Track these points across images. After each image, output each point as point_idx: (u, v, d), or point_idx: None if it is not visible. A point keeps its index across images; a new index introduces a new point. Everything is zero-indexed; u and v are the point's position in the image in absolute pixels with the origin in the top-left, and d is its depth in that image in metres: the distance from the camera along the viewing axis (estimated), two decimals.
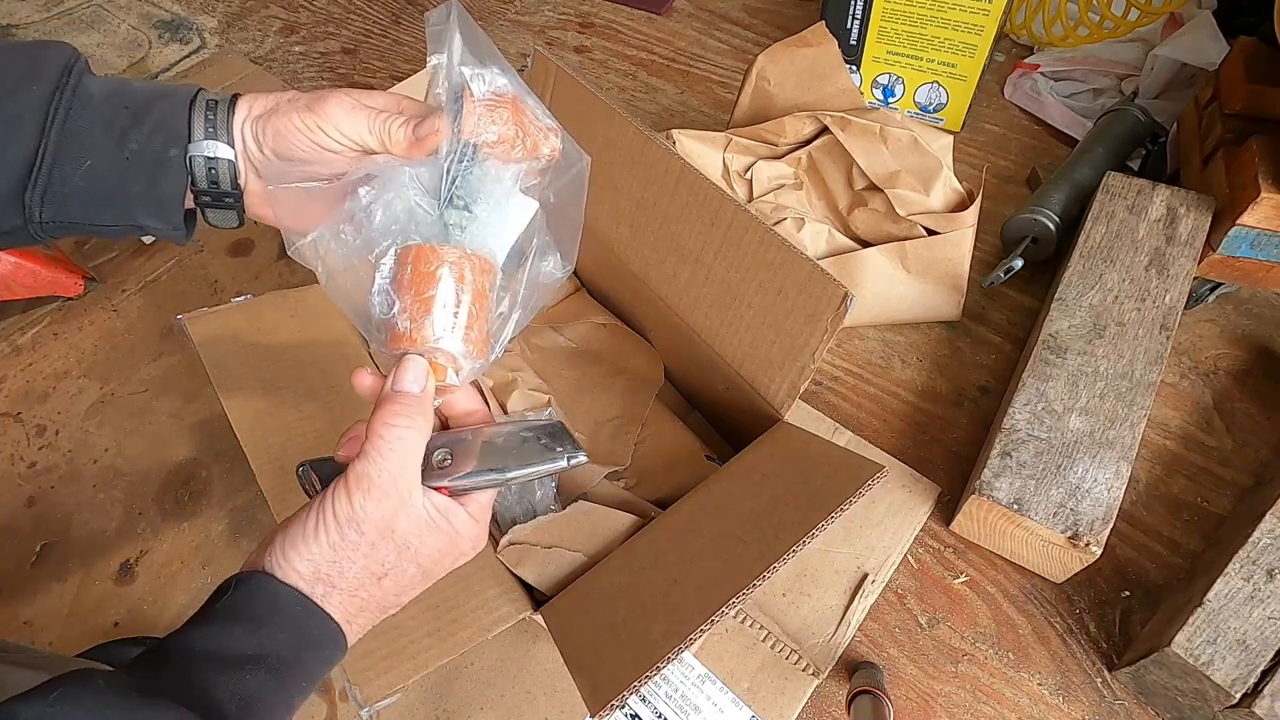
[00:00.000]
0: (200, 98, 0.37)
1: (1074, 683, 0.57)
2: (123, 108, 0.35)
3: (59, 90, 0.34)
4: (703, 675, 0.57)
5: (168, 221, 0.37)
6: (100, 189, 0.35)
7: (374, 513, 0.32)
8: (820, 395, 0.74)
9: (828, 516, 0.43)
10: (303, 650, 0.32)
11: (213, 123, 0.36)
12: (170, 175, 0.36)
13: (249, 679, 0.30)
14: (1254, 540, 0.53)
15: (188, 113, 0.36)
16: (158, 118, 0.36)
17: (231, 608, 0.32)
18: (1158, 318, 0.65)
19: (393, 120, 0.36)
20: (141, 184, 0.36)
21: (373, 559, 0.33)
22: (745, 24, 1.16)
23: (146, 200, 0.36)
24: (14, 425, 0.78)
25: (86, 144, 0.34)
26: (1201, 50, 0.85)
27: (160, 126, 0.36)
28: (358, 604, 0.34)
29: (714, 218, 0.54)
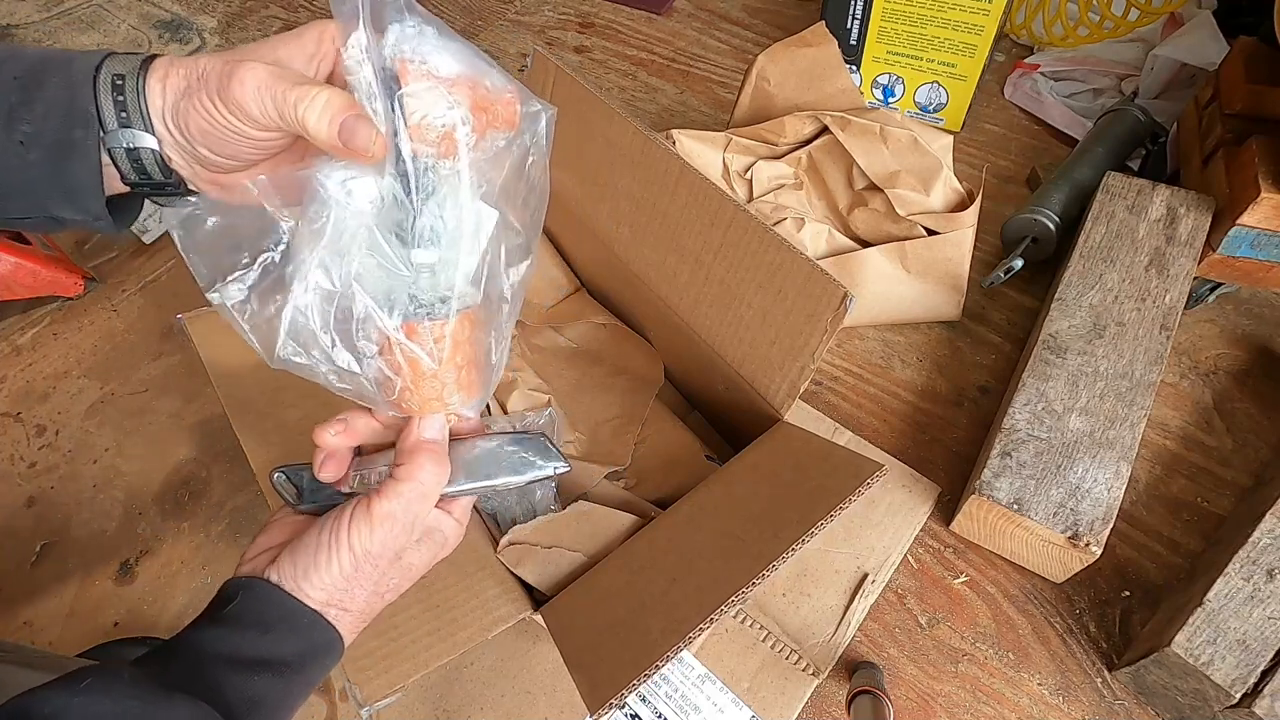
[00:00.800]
0: (105, 72, 0.31)
1: (1074, 683, 0.57)
2: (11, 79, 0.30)
3: None
4: (703, 675, 0.57)
5: (86, 212, 0.32)
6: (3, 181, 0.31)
7: (391, 545, 0.35)
8: (820, 395, 0.74)
9: (827, 515, 0.43)
10: (307, 657, 0.33)
11: (123, 106, 0.31)
12: (79, 160, 0.31)
13: (257, 680, 0.31)
14: (1254, 540, 0.53)
15: (92, 90, 0.30)
16: (53, 94, 0.30)
17: (240, 613, 0.33)
18: (1158, 318, 0.65)
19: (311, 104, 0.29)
20: (44, 171, 0.31)
21: (381, 584, 0.36)
22: (745, 24, 1.16)
23: (54, 189, 0.31)
24: (14, 425, 0.78)
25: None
26: (1201, 50, 0.85)
27: (57, 105, 0.30)
28: (361, 621, 0.36)
29: (714, 218, 0.54)
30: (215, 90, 0.30)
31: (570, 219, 0.71)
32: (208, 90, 0.30)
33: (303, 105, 0.29)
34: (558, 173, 0.69)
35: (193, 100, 0.30)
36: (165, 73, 0.31)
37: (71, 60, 0.31)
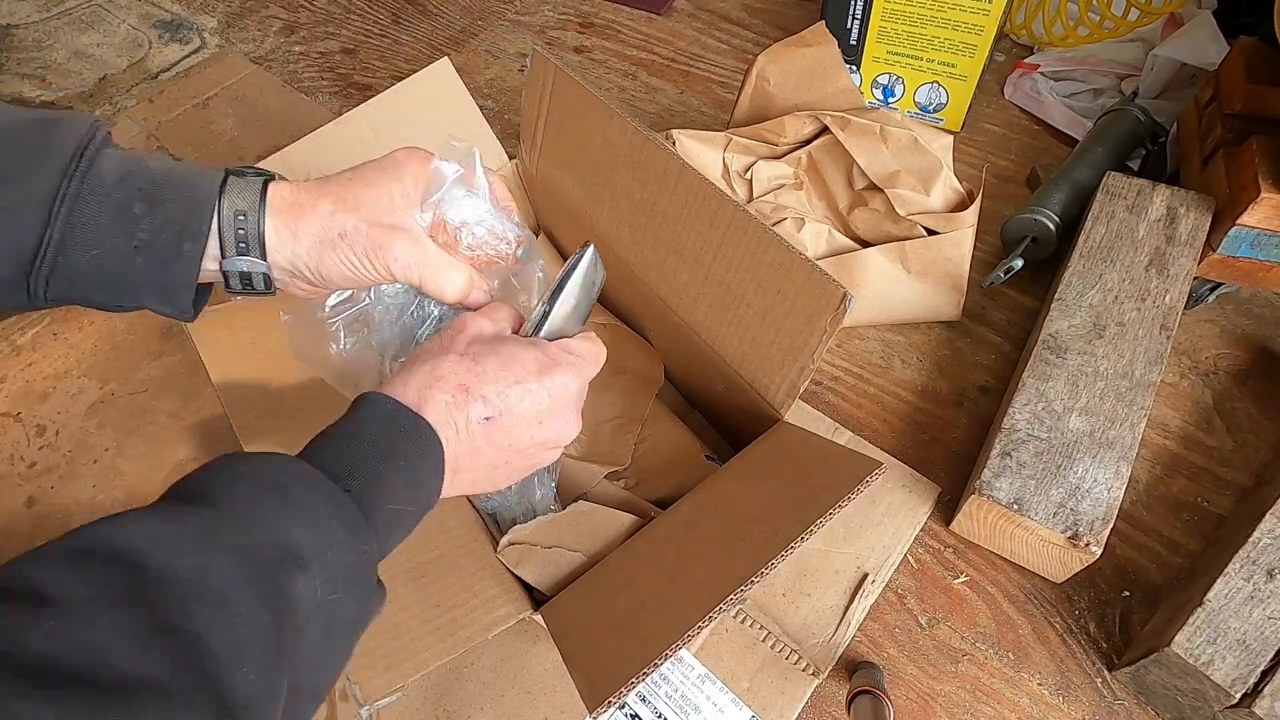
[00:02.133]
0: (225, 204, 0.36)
1: (1074, 683, 0.57)
2: (136, 190, 0.34)
3: (67, 177, 0.33)
4: (703, 675, 0.57)
5: (175, 307, 0.37)
6: (106, 275, 0.34)
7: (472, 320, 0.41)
8: (820, 395, 0.74)
9: (826, 513, 0.43)
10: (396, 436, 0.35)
11: (244, 239, 0.36)
12: (182, 266, 0.35)
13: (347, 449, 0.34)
14: (1254, 540, 0.53)
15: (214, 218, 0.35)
16: (173, 212, 0.35)
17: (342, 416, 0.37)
18: (1158, 318, 0.65)
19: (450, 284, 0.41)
20: (150, 273, 0.35)
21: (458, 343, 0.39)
22: (745, 24, 1.16)
23: (154, 288, 0.36)
24: (14, 425, 0.78)
25: (94, 232, 0.33)
26: (1201, 50, 0.84)
27: (174, 221, 0.35)
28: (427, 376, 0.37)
29: (713, 218, 0.54)
30: (365, 254, 0.38)
31: (570, 219, 0.71)
32: (355, 251, 0.38)
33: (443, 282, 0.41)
34: (558, 173, 0.69)
35: (337, 253, 0.38)
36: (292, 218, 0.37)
37: (195, 181, 0.35)
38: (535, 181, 0.76)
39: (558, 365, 0.40)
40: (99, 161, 0.34)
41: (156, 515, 0.27)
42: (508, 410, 0.38)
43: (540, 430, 0.40)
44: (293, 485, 0.30)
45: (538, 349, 0.40)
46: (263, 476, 0.30)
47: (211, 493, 0.29)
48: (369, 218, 0.38)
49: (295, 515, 0.29)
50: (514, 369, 0.38)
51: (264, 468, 0.31)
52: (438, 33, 1.20)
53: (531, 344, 0.40)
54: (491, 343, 0.39)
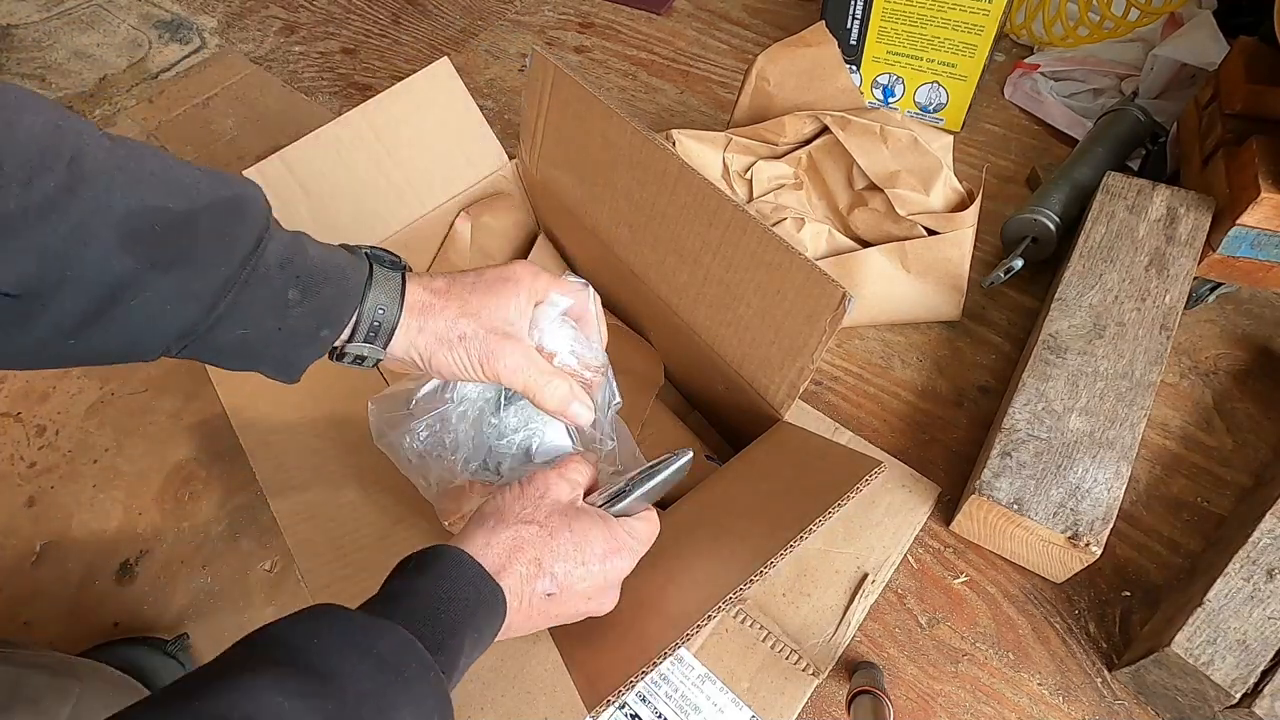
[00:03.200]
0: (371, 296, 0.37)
1: (1074, 683, 0.57)
2: (294, 278, 0.35)
3: (245, 265, 0.33)
4: (703, 675, 0.57)
5: (288, 376, 0.39)
6: (245, 349, 0.36)
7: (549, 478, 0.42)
8: (820, 395, 0.74)
9: (825, 511, 0.43)
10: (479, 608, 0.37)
11: (375, 335, 0.38)
12: (311, 349, 0.37)
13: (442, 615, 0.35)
14: (1254, 540, 0.53)
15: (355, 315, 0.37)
16: (324, 303, 0.36)
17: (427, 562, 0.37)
18: (1158, 318, 0.65)
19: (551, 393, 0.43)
20: (282, 351, 0.36)
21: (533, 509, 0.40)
22: (745, 24, 1.16)
23: (280, 361, 0.37)
24: (14, 425, 0.78)
25: (249, 315, 0.34)
26: (1201, 50, 0.84)
27: (322, 310, 0.36)
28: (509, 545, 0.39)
29: (712, 218, 0.54)
30: (479, 359, 0.40)
31: (570, 219, 0.71)
32: (470, 354, 0.40)
33: (545, 393, 0.43)
34: (558, 173, 0.69)
35: (453, 352, 0.40)
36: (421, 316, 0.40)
37: (346, 272, 0.37)
38: (535, 181, 0.76)
39: (620, 550, 0.42)
40: (267, 248, 0.35)
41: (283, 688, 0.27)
42: (569, 589, 0.40)
43: (586, 605, 0.42)
44: (407, 667, 0.31)
45: (607, 530, 0.42)
46: (385, 657, 0.30)
47: (334, 667, 0.29)
48: (487, 324, 0.41)
49: (407, 701, 0.30)
50: (584, 551, 0.40)
51: (383, 644, 0.31)
52: (438, 33, 1.20)
53: (602, 522, 0.42)
54: (567, 515, 0.40)
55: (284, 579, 0.66)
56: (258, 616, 0.64)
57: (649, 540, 0.44)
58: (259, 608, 0.65)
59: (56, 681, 0.49)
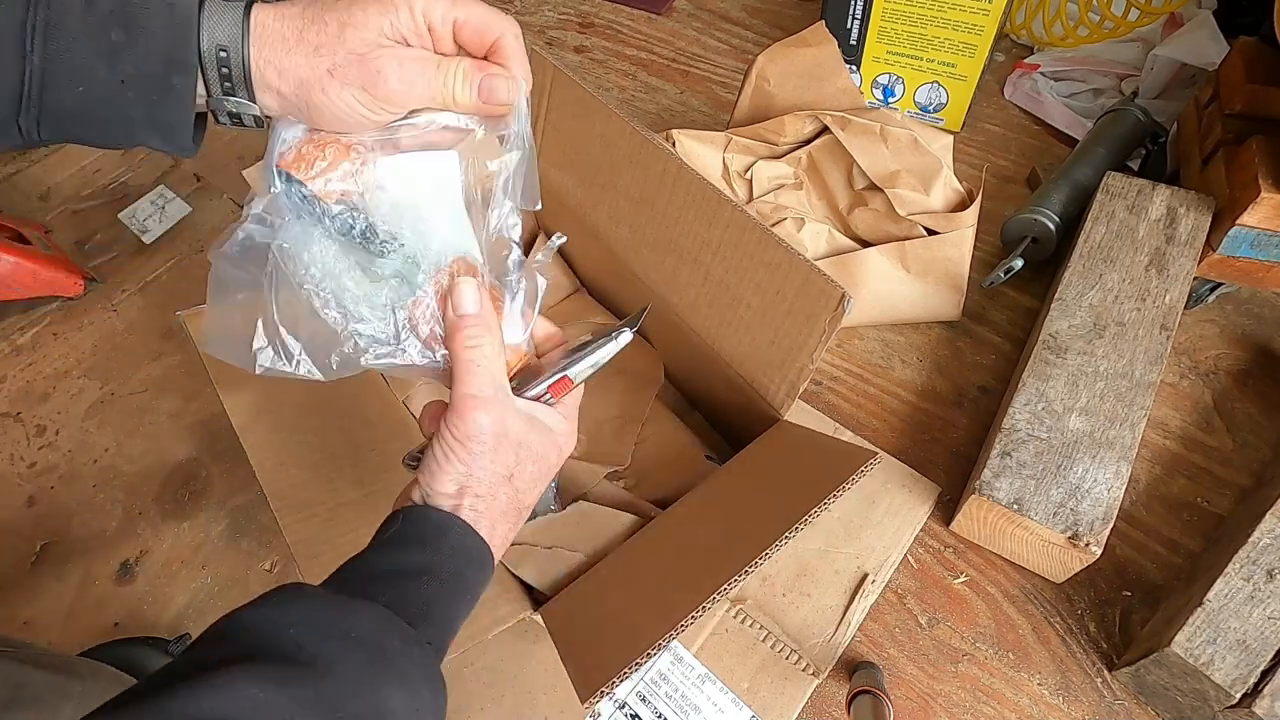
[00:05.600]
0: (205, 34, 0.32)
1: (1074, 683, 0.57)
2: (107, 14, 0.30)
3: (33, 5, 0.30)
4: (703, 675, 0.57)
5: (175, 144, 0.34)
6: (98, 112, 0.32)
7: (484, 421, 0.37)
8: (820, 395, 0.74)
9: (820, 503, 0.43)
10: (465, 564, 0.36)
11: (229, 80, 0.33)
12: (175, 103, 0.32)
13: (425, 588, 0.34)
14: (1254, 540, 0.53)
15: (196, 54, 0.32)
16: (155, 41, 0.31)
17: (400, 534, 0.36)
18: (1158, 318, 0.65)
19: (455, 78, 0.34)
20: (143, 109, 0.32)
21: (499, 462, 0.38)
22: (745, 24, 1.16)
23: (150, 124, 0.33)
24: (14, 425, 0.78)
25: (75, 67, 0.31)
26: (1201, 50, 0.84)
27: (157, 50, 0.31)
28: (498, 508, 0.38)
29: (712, 218, 0.54)
30: (358, 85, 0.33)
31: (570, 219, 0.71)
32: (347, 84, 0.33)
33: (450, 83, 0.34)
34: (557, 173, 0.69)
35: (326, 93, 0.33)
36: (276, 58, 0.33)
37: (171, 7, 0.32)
38: None
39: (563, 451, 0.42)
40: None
41: (260, 679, 0.26)
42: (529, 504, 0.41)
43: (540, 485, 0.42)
44: (390, 648, 0.30)
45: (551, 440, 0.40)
46: (363, 638, 0.30)
47: (315, 652, 0.28)
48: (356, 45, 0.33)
49: (394, 681, 0.30)
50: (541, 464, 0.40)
51: (362, 625, 0.30)
52: None
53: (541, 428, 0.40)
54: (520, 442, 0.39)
55: (284, 579, 0.66)
56: None
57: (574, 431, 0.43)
58: None
59: (57, 681, 0.49)
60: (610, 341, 0.42)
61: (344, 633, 0.30)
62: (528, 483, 0.39)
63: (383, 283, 0.38)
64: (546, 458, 0.40)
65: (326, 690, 0.27)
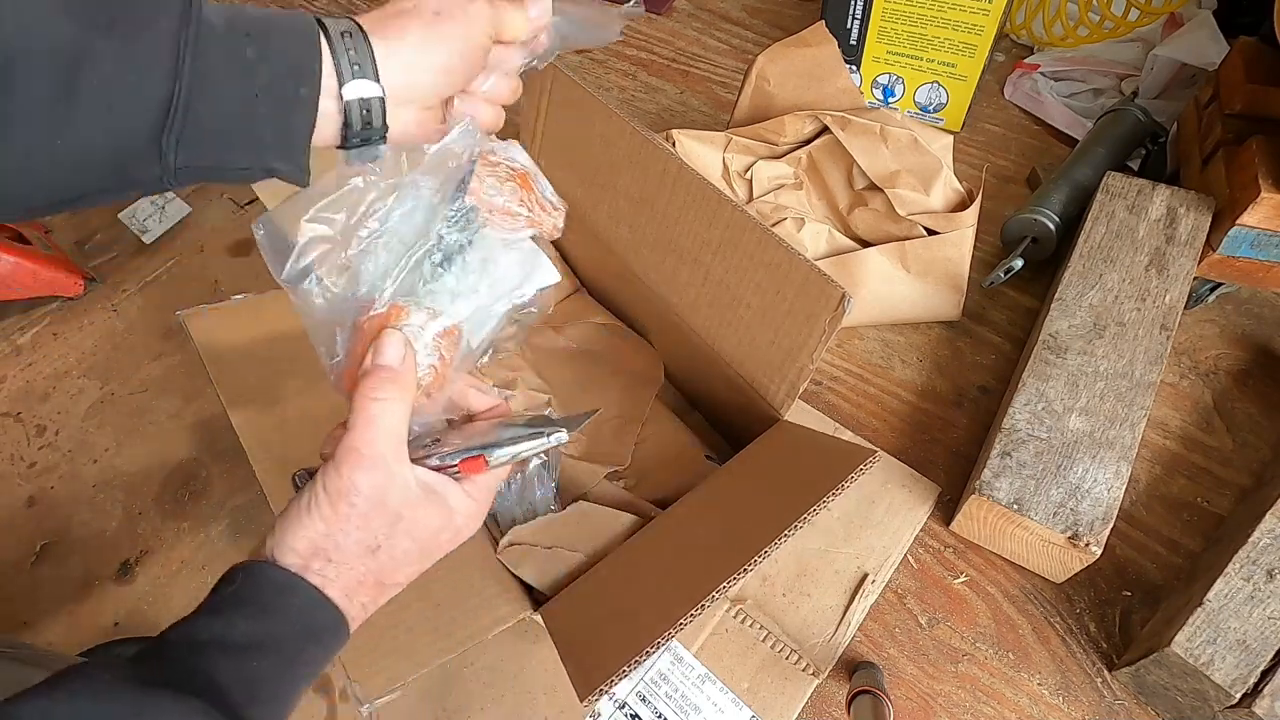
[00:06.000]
0: (333, 30, 0.34)
1: (1074, 683, 0.57)
2: (244, 35, 0.32)
3: (186, 20, 0.31)
4: (703, 675, 0.57)
5: (296, 165, 0.35)
6: (233, 129, 0.33)
7: (363, 483, 0.33)
8: (820, 395, 0.74)
9: (819, 501, 0.43)
10: (305, 636, 0.32)
11: (359, 61, 0.34)
12: (301, 115, 0.34)
13: (253, 664, 0.31)
14: (1254, 540, 0.53)
15: (319, 48, 0.33)
16: (282, 50, 0.33)
17: (235, 596, 0.32)
18: (1158, 318, 0.65)
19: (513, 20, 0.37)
20: (272, 124, 0.33)
21: (366, 530, 0.34)
22: (745, 24, 1.16)
23: (277, 140, 0.34)
24: (14, 425, 0.78)
25: (217, 81, 0.32)
26: (1201, 50, 0.84)
27: (285, 61, 0.33)
28: (355, 578, 0.34)
29: (712, 218, 0.54)
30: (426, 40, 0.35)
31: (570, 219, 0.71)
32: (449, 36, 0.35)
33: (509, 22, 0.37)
34: (557, 173, 0.69)
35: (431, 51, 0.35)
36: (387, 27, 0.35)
37: (293, 20, 0.34)
38: None
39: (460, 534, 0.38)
40: (204, 9, 0.32)
41: None
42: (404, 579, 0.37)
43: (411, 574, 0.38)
44: None
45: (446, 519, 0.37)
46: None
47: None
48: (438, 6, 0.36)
49: None
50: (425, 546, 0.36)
51: None
52: None
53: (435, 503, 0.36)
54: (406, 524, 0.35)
55: None
56: None
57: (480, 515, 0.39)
58: None
59: None
60: (542, 437, 0.38)
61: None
62: (397, 560, 0.35)
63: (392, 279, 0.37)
64: (435, 537, 0.36)
65: None
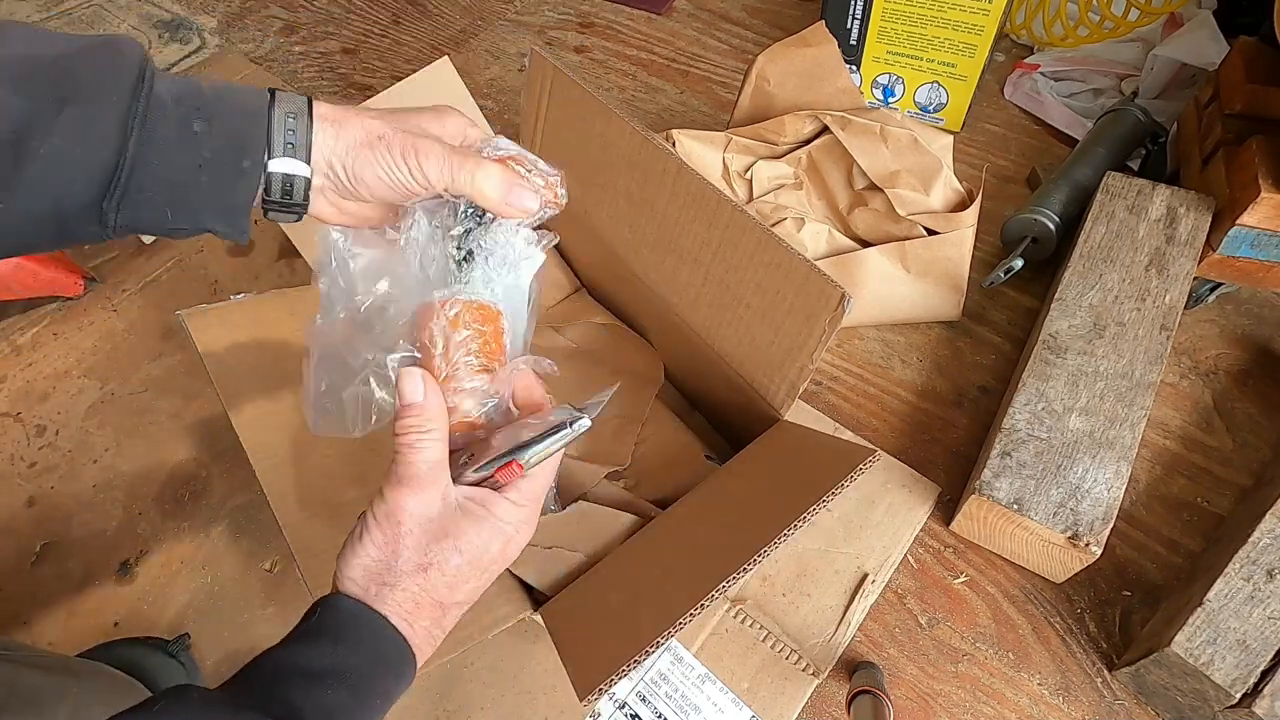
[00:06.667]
0: (277, 110, 0.37)
1: (1074, 683, 0.57)
2: (194, 109, 0.35)
3: (137, 96, 0.34)
4: (703, 675, 0.57)
5: (234, 227, 0.37)
6: (175, 196, 0.35)
7: (409, 505, 0.35)
8: (820, 395, 0.74)
9: (818, 500, 0.43)
10: (376, 662, 0.34)
11: (293, 143, 0.37)
12: (243, 185, 0.36)
13: (330, 694, 0.33)
14: (1254, 540, 0.53)
15: (266, 119, 0.36)
16: (231, 126, 0.35)
17: (316, 626, 0.35)
18: (1158, 318, 0.65)
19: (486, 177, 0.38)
20: (214, 192, 0.36)
21: (416, 550, 0.36)
22: (745, 24, 1.16)
23: (217, 208, 0.36)
24: (14, 425, 0.78)
25: (163, 151, 0.34)
26: (1201, 50, 0.84)
27: (233, 136, 0.35)
28: (411, 600, 0.36)
29: (712, 218, 0.54)
30: (400, 154, 0.37)
31: (570, 219, 0.71)
32: (391, 152, 0.37)
33: (478, 178, 0.38)
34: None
35: (374, 153, 0.37)
36: (336, 122, 0.37)
37: (246, 96, 0.36)
38: None
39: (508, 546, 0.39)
40: (156, 84, 0.35)
41: None
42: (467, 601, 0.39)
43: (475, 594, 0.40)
44: None
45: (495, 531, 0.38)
46: None
47: None
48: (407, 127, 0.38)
49: None
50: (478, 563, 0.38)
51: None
52: (438, 33, 1.20)
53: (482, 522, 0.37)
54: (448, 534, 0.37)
55: (284, 579, 0.66)
56: (257, 616, 0.64)
57: (531, 521, 0.40)
58: (259, 608, 0.65)
59: (53, 680, 0.49)
60: (566, 429, 0.39)
61: None
62: (450, 577, 0.36)
63: None
64: (485, 550, 0.37)
65: None
